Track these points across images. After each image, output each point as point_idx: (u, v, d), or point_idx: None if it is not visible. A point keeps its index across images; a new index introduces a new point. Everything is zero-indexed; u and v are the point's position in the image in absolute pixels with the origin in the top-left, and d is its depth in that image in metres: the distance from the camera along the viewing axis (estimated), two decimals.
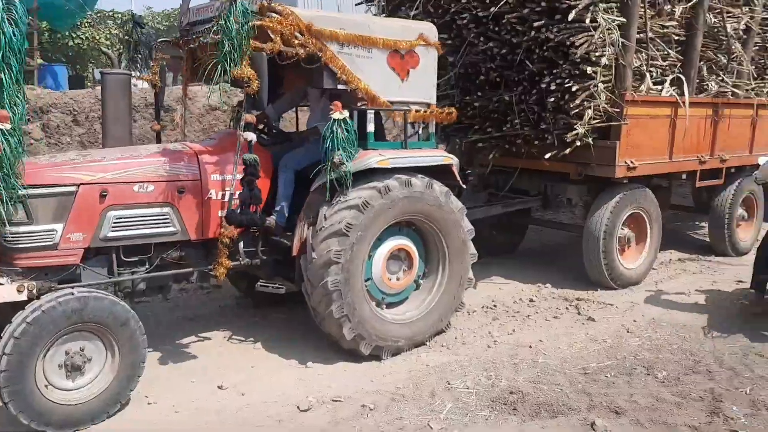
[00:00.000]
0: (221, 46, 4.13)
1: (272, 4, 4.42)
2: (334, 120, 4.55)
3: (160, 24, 24.29)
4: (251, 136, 4.50)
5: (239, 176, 4.47)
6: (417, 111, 5.17)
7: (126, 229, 4.36)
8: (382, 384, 4.54)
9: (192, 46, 4.93)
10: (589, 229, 6.62)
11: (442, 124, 5.62)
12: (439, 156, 5.26)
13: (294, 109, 6.52)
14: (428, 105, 5.28)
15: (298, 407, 4.17)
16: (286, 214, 4.99)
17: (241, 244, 4.79)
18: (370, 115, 4.92)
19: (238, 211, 4.45)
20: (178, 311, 5.99)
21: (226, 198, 4.58)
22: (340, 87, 4.73)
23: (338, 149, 4.54)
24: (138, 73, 5.77)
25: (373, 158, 4.77)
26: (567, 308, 6.25)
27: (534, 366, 4.84)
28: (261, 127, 5.42)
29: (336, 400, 4.27)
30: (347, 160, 4.59)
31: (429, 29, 5.26)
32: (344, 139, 4.57)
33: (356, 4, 7.61)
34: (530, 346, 5.25)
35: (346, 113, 4.60)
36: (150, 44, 5.44)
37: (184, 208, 4.56)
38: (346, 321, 4.65)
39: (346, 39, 4.67)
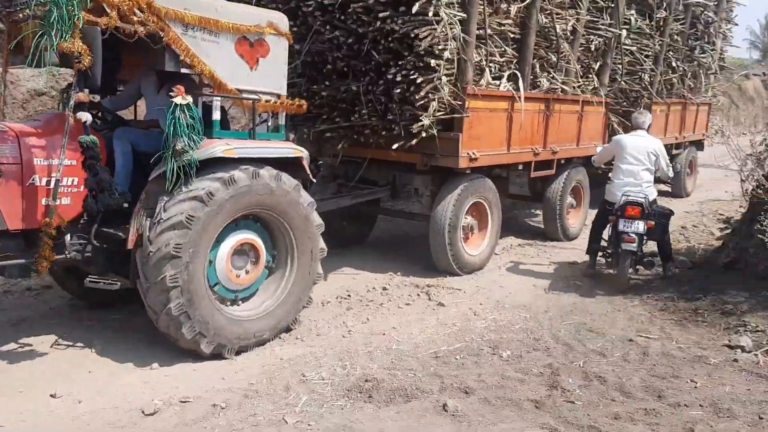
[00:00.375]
0: (49, 14, 3.78)
1: None
2: (177, 105, 4.31)
3: None
4: (86, 116, 4.22)
5: (67, 161, 4.14)
6: (267, 101, 5.02)
7: None
8: (234, 381, 4.39)
9: (15, 19, 4.44)
10: (435, 218, 6.82)
11: (291, 114, 5.50)
12: (288, 148, 5.14)
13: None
14: (278, 96, 5.16)
15: (142, 411, 3.92)
16: (128, 190, 4.62)
17: (68, 237, 4.39)
18: (216, 103, 4.72)
19: (92, 198, 4.16)
20: (1, 315, 5.42)
21: (52, 185, 4.19)
22: (183, 71, 4.48)
23: (181, 136, 4.30)
24: None
25: (219, 147, 4.56)
26: (418, 295, 6.42)
27: (388, 353, 4.91)
28: (95, 112, 5.01)
29: (185, 401, 4.07)
30: (191, 149, 4.36)
31: (279, 18, 5.13)
32: (188, 125, 4.33)
33: None
34: (384, 334, 5.32)
35: (189, 98, 4.38)
36: None
37: (1, 194, 4.11)
38: (186, 318, 4.40)
39: (191, 20, 4.43)
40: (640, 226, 6.42)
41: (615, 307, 6.06)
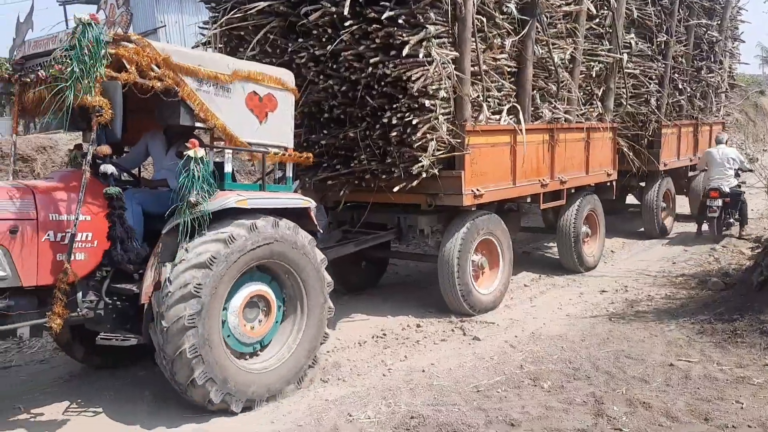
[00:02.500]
0: (71, 72, 3.92)
1: (128, 35, 4.27)
2: (190, 158, 4.37)
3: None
4: (110, 168, 4.33)
5: (82, 217, 4.18)
6: (275, 153, 5.13)
7: None
8: (282, 424, 4.42)
9: (26, 80, 4.55)
10: (443, 258, 6.70)
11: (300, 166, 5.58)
12: (297, 199, 5.20)
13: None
14: (285, 148, 5.27)
15: None
16: (141, 252, 4.59)
17: (80, 294, 4.35)
18: (228, 155, 4.82)
19: (119, 249, 4.21)
20: (51, 373, 5.46)
21: (67, 240, 4.19)
22: (197, 125, 4.60)
23: (195, 188, 4.35)
24: None
25: (232, 198, 4.61)
26: (453, 330, 6.45)
27: (430, 389, 4.92)
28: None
29: None
30: (204, 200, 4.41)
31: (286, 74, 5.32)
32: (201, 178, 4.39)
33: (193, 46, 7.36)
34: (423, 370, 5.33)
35: (203, 151, 4.45)
36: None
37: (17, 251, 4.10)
38: (199, 362, 4.31)
39: (205, 75, 4.56)
40: (719, 202, 10.17)
41: (652, 333, 5.97)
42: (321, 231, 5.54)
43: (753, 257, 7.68)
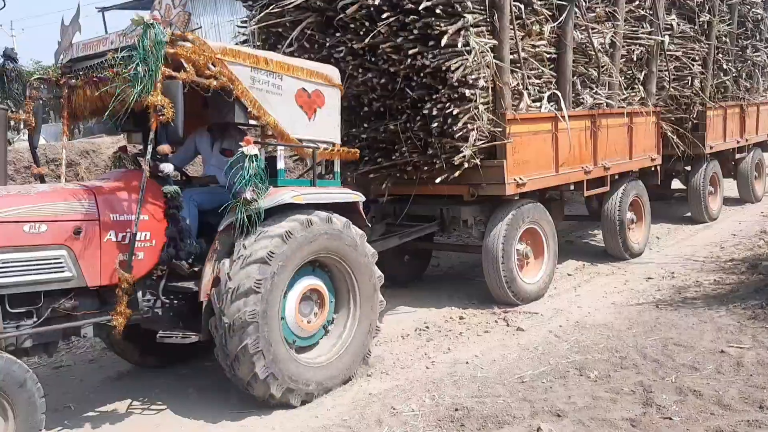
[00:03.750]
0: (135, 72, 3.99)
1: (186, 34, 4.31)
2: (245, 155, 4.41)
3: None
4: (169, 168, 4.37)
5: (143, 216, 4.27)
6: (324, 149, 5.19)
7: (13, 275, 3.91)
8: (327, 419, 4.43)
9: (73, 83, 4.65)
10: (487, 248, 6.67)
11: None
12: (348, 194, 5.24)
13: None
14: (333, 144, 5.31)
15: None
16: (193, 251, 4.67)
17: (140, 293, 4.43)
18: (281, 152, 4.88)
19: (172, 247, 4.31)
20: (100, 372, 5.60)
21: (128, 240, 4.28)
22: (251, 123, 4.70)
23: (250, 185, 4.40)
24: (12, 110, 5.40)
25: (287, 194, 4.67)
26: (496, 321, 6.40)
27: (473, 381, 4.90)
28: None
29: None
30: (259, 197, 4.46)
31: (332, 70, 5.37)
32: (256, 174, 4.43)
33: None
34: (467, 362, 5.31)
35: (257, 148, 4.50)
36: (24, 81, 5.07)
37: (81, 251, 4.17)
38: (261, 358, 4.36)
39: (258, 73, 4.64)
40: None
41: (701, 320, 5.85)
42: (369, 225, 5.56)
43: None
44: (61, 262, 4.09)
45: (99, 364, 5.86)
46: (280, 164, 4.85)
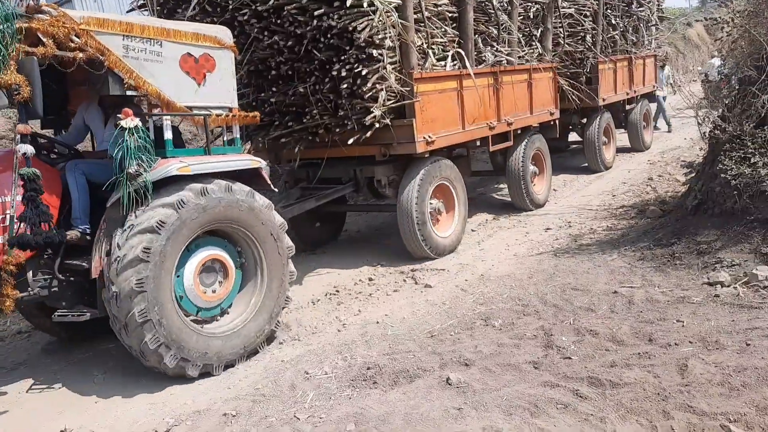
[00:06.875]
0: None
1: (40, 5, 4.11)
2: (124, 129, 4.27)
3: None
4: (26, 148, 4.16)
5: (20, 197, 4.10)
6: (218, 116, 5.01)
7: None
8: (240, 389, 4.44)
9: None
10: (402, 206, 6.83)
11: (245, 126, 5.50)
12: (245, 160, 5.13)
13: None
14: (230, 109, 5.16)
15: (155, 431, 3.94)
16: (88, 223, 4.56)
17: (30, 273, 4.32)
18: (167, 122, 4.70)
19: (28, 232, 4.09)
20: (2, 358, 5.39)
21: (7, 222, 4.13)
22: (129, 93, 4.47)
23: (132, 159, 4.27)
24: None
25: (174, 165, 4.54)
26: (404, 280, 6.53)
27: (384, 339, 4.99)
28: (47, 152, 4.99)
29: (195, 415, 4.07)
30: (144, 171, 4.33)
31: (223, 32, 5.16)
32: (138, 148, 4.30)
33: (128, 11, 7.13)
34: (377, 322, 5.41)
35: (137, 121, 4.36)
36: None
37: None
38: (151, 327, 4.31)
39: (131, 41, 4.42)
40: None
41: (596, 264, 6.15)
42: (275, 189, 5.53)
43: (687, 182, 7.90)
44: None
45: (3, 350, 5.65)
46: (168, 134, 4.67)
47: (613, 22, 11.54)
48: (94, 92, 4.85)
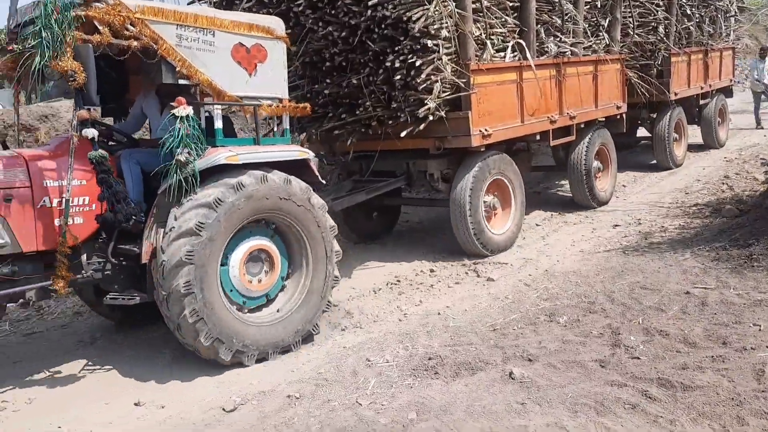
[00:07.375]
0: (38, 38, 3.91)
1: None
2: (176, 117, 4.34)
3: None
4: (92, 132, 4.30)
5: (76, 181, 4.24)
6: (269, 106, 5.01)
7: None
8: (303, 372, 4.48)
9: (17, 48, 4.48)
10: (455, 200, 6.66)
11: (298, 117, 5.51)
12: (293, 151, 5.10)
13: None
14: (280, 100, 5.15)
15: (223, 409, 4.03)
16: (143, 212, 4.63)
17: (84, 256, 4.41)
18: (217, 111, 4.74)
19: (109, 212, 4.26)
20: (73, 336, 5.58)
21: (63, 205, 4.24)
22: (181, 82, 4.51)
23: (183, 147, 4.34)
24: None
25: (222, 154, 4.56)
26: (466, 273, 6.46)
27: (446, 330, 4.95)
28: (107, 140, 5.09)
29: (261, 396, 4.15)
30: (194, 159, 4.38)
31: (275, 22, 5.15)
32: (189, 136, 4.36)
33: (188, 3, 7.22)
34: (439, 313, 5.35)
35: (189, 109, 4.42)
36: None
37: (14, 218, 4.18)
38: (203, 325, 4.36)
39: (184, 30, 4.46)
40: None
41: (666, 263, 5.92)
42: (323, 182, 5.49)
43: (766, 181, 7.63)
44: None
45: (71, 329, 5.81)
46: (218, 124, 4.71)
47: (689, 12, 10.97)
48: (149, 81, 4.92)
